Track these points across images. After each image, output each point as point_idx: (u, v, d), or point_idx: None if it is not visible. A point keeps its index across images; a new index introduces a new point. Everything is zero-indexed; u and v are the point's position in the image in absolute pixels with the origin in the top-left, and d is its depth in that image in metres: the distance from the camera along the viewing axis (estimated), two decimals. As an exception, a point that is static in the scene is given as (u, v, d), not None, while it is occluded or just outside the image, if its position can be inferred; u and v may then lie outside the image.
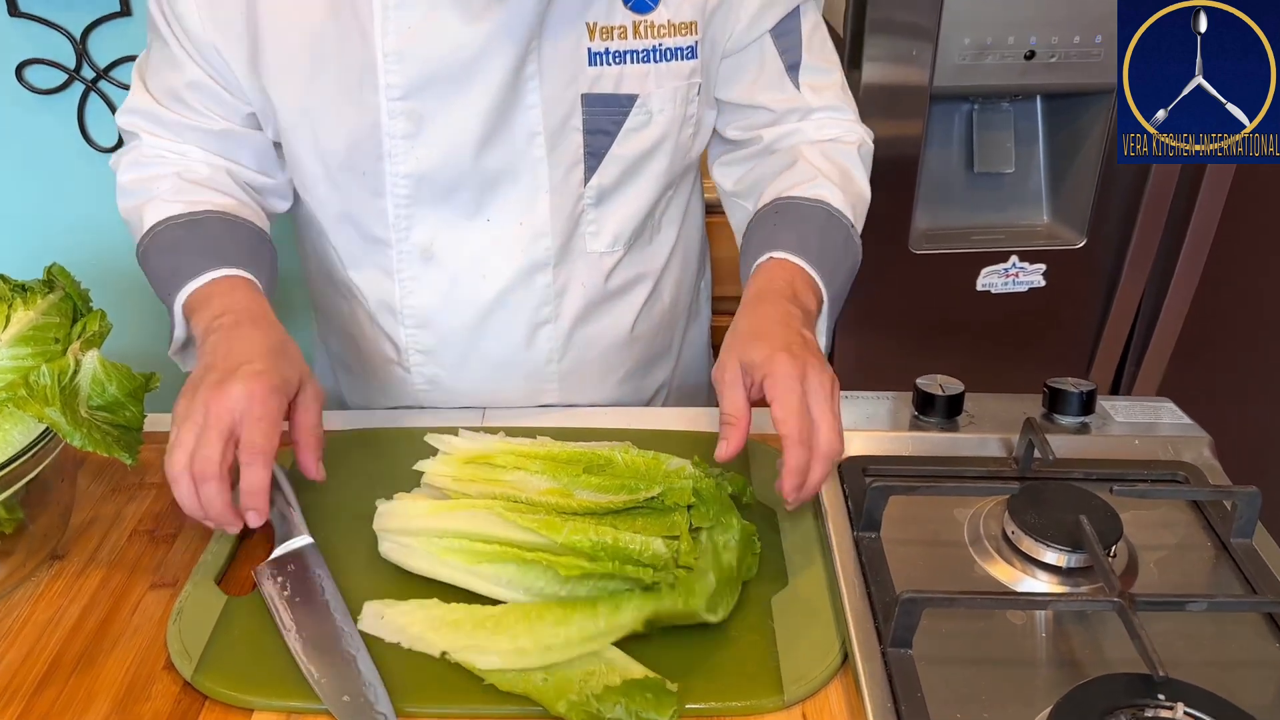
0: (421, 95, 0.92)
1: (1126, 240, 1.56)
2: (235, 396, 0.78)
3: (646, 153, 1.00)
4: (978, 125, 1.56)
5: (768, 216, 1.00)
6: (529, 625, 0.73)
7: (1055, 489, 0.84)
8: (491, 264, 1.02)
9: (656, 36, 0.95)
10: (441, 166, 0.96)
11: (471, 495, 0.85)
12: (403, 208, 0.99)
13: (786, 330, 0.85)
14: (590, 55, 0.94)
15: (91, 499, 0.93)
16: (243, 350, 0.82)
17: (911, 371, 1.69)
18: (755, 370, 0.82)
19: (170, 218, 0.95)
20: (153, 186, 0.98)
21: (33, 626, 0.79)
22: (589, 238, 1.04)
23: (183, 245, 0.94)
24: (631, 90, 0.96)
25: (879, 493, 0.81)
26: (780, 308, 0.88)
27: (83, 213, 1.55)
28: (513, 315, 1.05)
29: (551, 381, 1.11)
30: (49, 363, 0.80)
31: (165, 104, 0.99)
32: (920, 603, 0.70)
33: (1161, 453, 0.93)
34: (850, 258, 1.01)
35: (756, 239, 0.99)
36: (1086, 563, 0.79)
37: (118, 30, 1.43)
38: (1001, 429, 0.95)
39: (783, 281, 0.92)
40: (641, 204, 1.04)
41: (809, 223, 0.98)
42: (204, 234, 0.94)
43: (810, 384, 0.81)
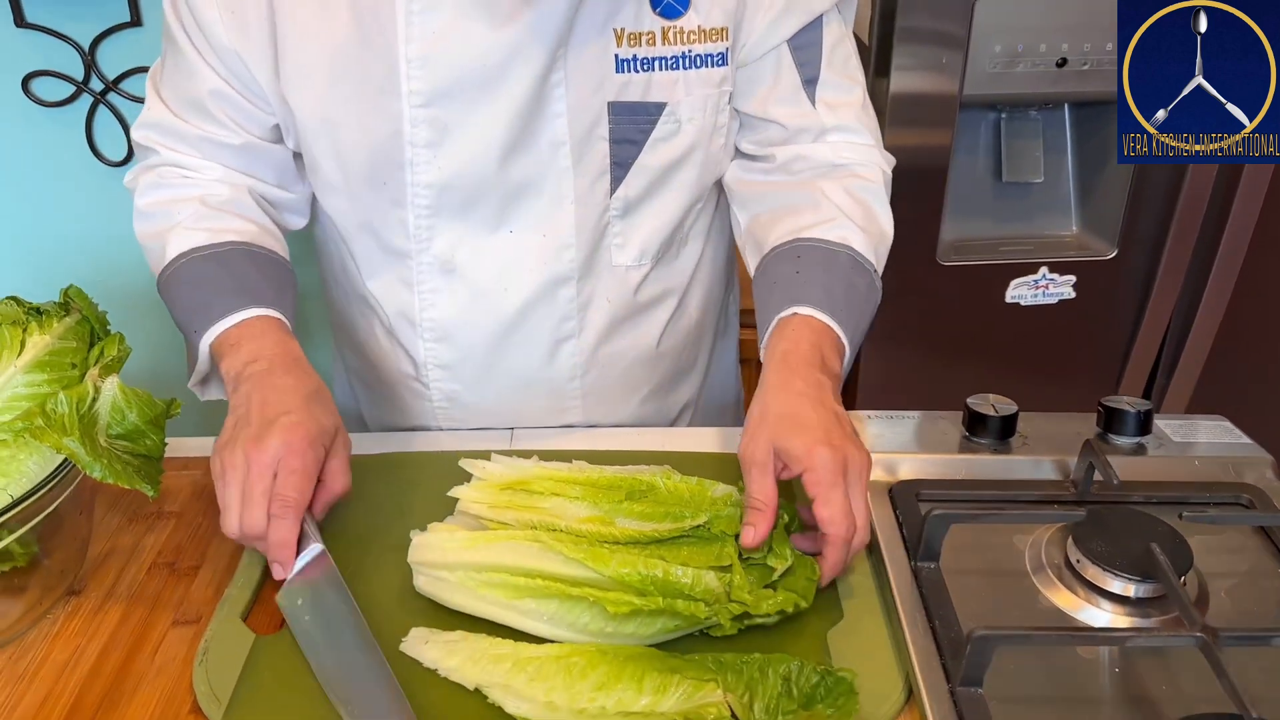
0: (445, 103, 0.89)
1: (1159, 250, 1.53)
2: (273, 449, 0.77)
3: (675, 163, 0.97)
4: (1006, 134, 1.53)
5: (787, 259, 0.95)
6: (568, 680, 0.69)
7: (1120, 514, 0.80)
8: (514, 277, 0.99)
9: (686, 43, 0.92)
10: (464, 176, 0.93)
11: (508, 523, 0.82)
12: (423, 218, 0.96)
13: (822, 412, 0.82)
14: (617, 62, 0.91)
15: (108, 530, 0.89)
16: (278, 400, 0.81)
17: (939, 386, 1.68)
18: (794, 462, 0.80)
19: (195, 249, 0.92)
20: (174, 211, 0.95)
21: (50, 668, 0.75)
22: (615, 250, 1.00)
23: (209, 281, 0.91)
24: (660, 98, 0.93)
25: (939, 521, 0.78)
26: (812, 381, 0.84)
27: (91, 229, 1.51)
28: (535, 330, 1.02)
29: (574, 399, 1.07)
30: (66, 389, 0.76)
31: (184, 116, 0.96)
32: (993, 640, 0.66)
33: (1222, 474, 0.90)
34: (871, 304, 0.96)
35: (779, 288, 0.93)
36: (1156, 592, 0.75)
37: (128, 41, 1.39)
38: (1056, 450, 0.91)
39: (809, 345, 0.87)
40: (669, 216, 1.00)
41: (833, 272, 0.93)
42: (231, 270, 0.92)
43: (851, 479, 0.78)
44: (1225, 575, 0.80)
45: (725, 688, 0.69)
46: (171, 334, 1.50)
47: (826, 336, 0.89)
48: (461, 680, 0.71)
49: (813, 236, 0.95)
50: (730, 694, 0.69)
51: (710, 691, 0.69)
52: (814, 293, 0.91)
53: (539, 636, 0.75)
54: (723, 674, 0.70)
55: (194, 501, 0.93)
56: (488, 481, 0.87)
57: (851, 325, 0.91)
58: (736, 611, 0.74)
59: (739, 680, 0.70)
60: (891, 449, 0.91)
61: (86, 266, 1.42)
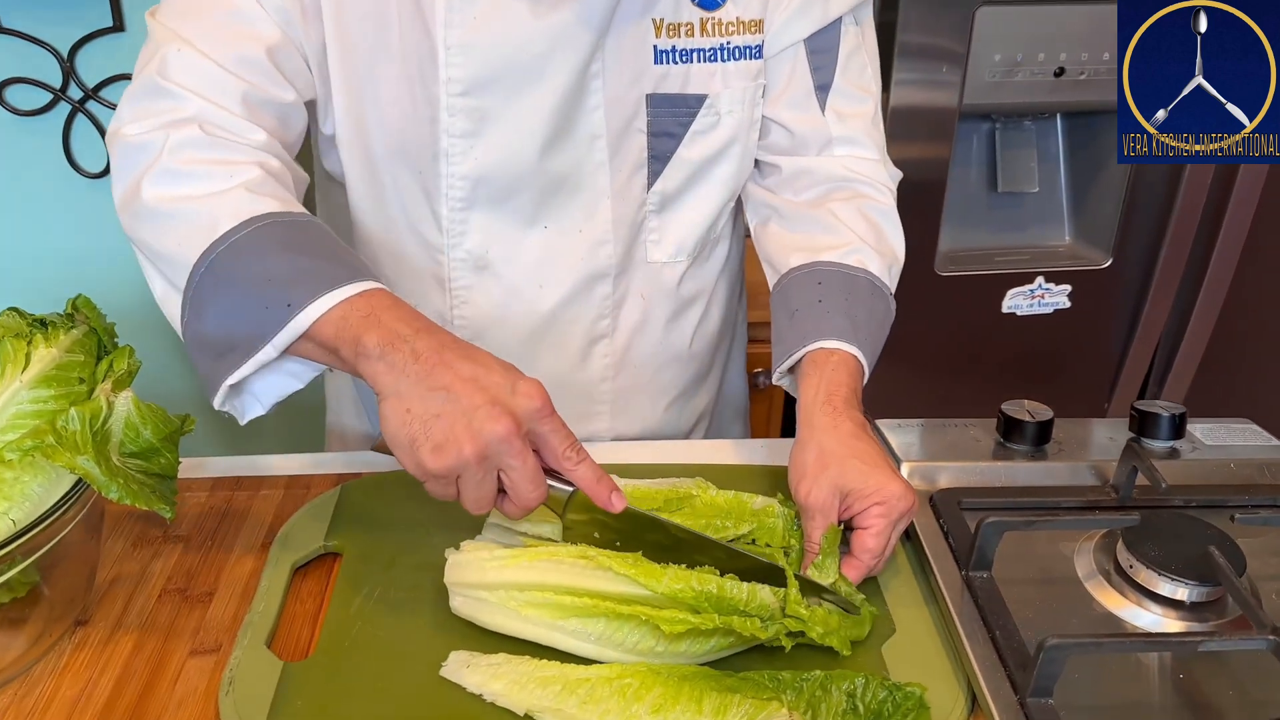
0: (484, 92, 0.87)
1: (1153, 259, 1.54)
2: (524, 418, 0.68)
3: (714, 156, 0.95)
4: (1001, 144, 1.54)
5: (808, 285, 0.93)
6: (623, 703, 0.66)
7: (1170, 519, 0.79)
8: (549, 273, 0.96)
9: (724, 34, 0.90)
10: (501, 169, 0.90)
11: (545, 536, 0.78)
12: (457, 211, 0.93)
13: (879, 452, 0.81)
14: (656, 53, 0.89)
15: (112, 556, 0.84)
16: (488, 364, 0.70)
17: (937, 396, 1.67)
18: (863, 499, 0.78)
19: (274, 213, 0.76)
20: (233, 173, 0.77)
21: (61, 704, 0.70)
22: (650, 246, 0.99)
23: (308, 246, 0.75)
24: (700, 90, 0.91)
25: (993, 529, 0.76)
26: (858, 422, 0.84)
27: (69, 244, 1.45)
28: (569, 329, 0.99)
29: (603, 402, 1.05)
30: (78, 406, 0.72)
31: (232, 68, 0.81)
32: (1065, 649, 0.65)
33: (1259, 476, 0.89)
34: (887, 327, 0.96)
35: (804, 316, 0.91)
36: (1210, 596, 0.74)
37: (109, 47, 1.34)
38: (1092, 455, 0.90)
39: (849, 387, 0.86)
40: (706, 212, 0.99)
41: (855, 299, 0.91)
42: (324, 237, 0.77)
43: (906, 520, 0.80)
44: (1273, 578, 0.79)
45: (789, 706, 0.66)
46: (164, 351, 1.45)
47: (858, 372, 0.88)
48: (509, 705, 0.68)
49: (831, 261, 0.94)
50: (794, 712, 0.66)
51: (775, 710, 0.66)
52: (841, 324, 0.89)
53: (584, 657, 0.72)
54: (782, 692, 0.67)
55: (203, 524, 0.88)
56: (518, 496, 0.84)
57: (871, 351, 0.91)
58: (794, 628, 0.71)
59: (800, 698, 0.67)
60: (927, 457, 0.90)
61: (64, 283, 1.35)
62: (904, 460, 0.89)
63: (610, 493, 0.72)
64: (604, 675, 0.69)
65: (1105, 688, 0.68)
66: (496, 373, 0.69)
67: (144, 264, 0.81)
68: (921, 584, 0.80)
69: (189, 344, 0.78)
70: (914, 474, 0.88)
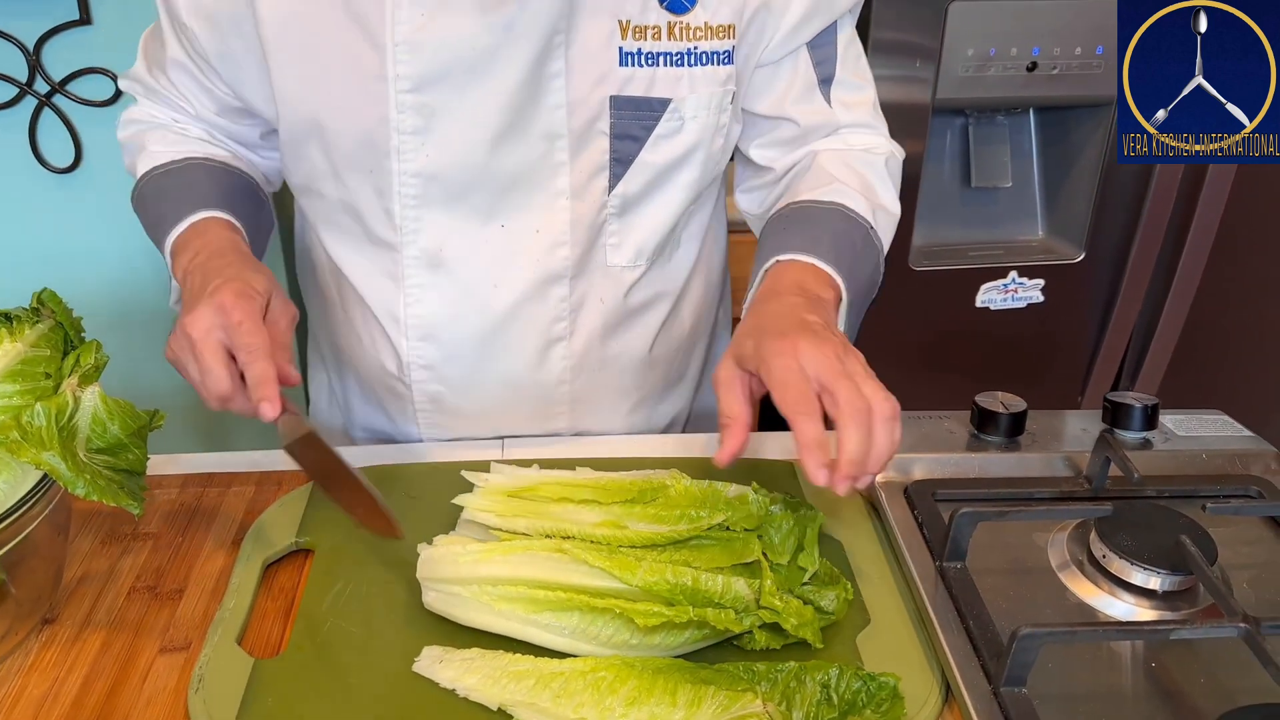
0: (434, 88, 0.86)
1: (1125, 253, 1.56)
2: (207, 315, 0.77)
3: (677, 161, 0.94)
4: (974, 140, 1.54)
5: (778, 222, 0.94)
6: (596, 696, 0.66)
7: (1142, 509, 0.79)
8: (504, 273, 0.95)
9: (692, 39, 0.89)
10: (453, 166, 0.89)
11: (519, 531, 0.78)
12: (410, 209, 0.92)
13: (786, 318, 0.78)
14: (621, 55, 0.88)
15: (79, 553, 0.83)
16: (212, 276, 0.81)
17: (911, 390, 1.66)
18: (748, 362, 0.76)
19: (156, 166, 0.96)
20: (147, 138, 0.99)
21: (27, 703, 0.69)
22: (610, 250, 0.97)
23: (167, 193, 0.94)
24: (665, 94, 0.90)
25: (966, 520, 0.76)
26: (784, 301, 0.81)
27: (34, 239, 1.43)
28: (524, 331, 0.98)
29: (562, 405, 1.04)
30: (43, 400, 0.70)
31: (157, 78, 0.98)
32: (1039, 638, 0.65)
33: (1229, 467, 0.90)
34: (871, 258, 0.92)
35: (765, 246, 0.92)
36: (1182, 585, 0.75)
37: (76, 40, 1.31)
38: (1064, 447, 0.91)
39: (790, 280, 0.84)
40: (666, 216, 0.98)
41: (821, 224, 0.91)
42: (186, 179, 0.95)
43: (806, 356, 0.72)
44: (1244, 567, 0.80)
45: (763, 697, 0.66)
46: (132, 346, 1.43)
47: (810, 272, 0.85)
48: (483, 700, 0.67)
49: (804, 198, 0.94)
50: (768, 703, 0.66)
51: (749, 702, 0.66)
52: (796, 240, 0.88)
53: (558, 651, 0.71)
54: (757, 683, 0.67)
55: (172, 521, 0.87)
56: (492, 489, 0.83)
57: (845, 267, 0.87)
58: (768, 619, 0.71)
59: (775, 689, 0.67)
60: (901, 449, 0.89)
61: (31, 279, 1.34)
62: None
63: (260, 400, 0.75)
64: (578, 669, 0.68)
65: (1078, 677, 0.69)
66: (214, 280, 0.80)
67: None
68: (895, 575, 0.80)
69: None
70: (889, 465, 0.88)
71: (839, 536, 0.84)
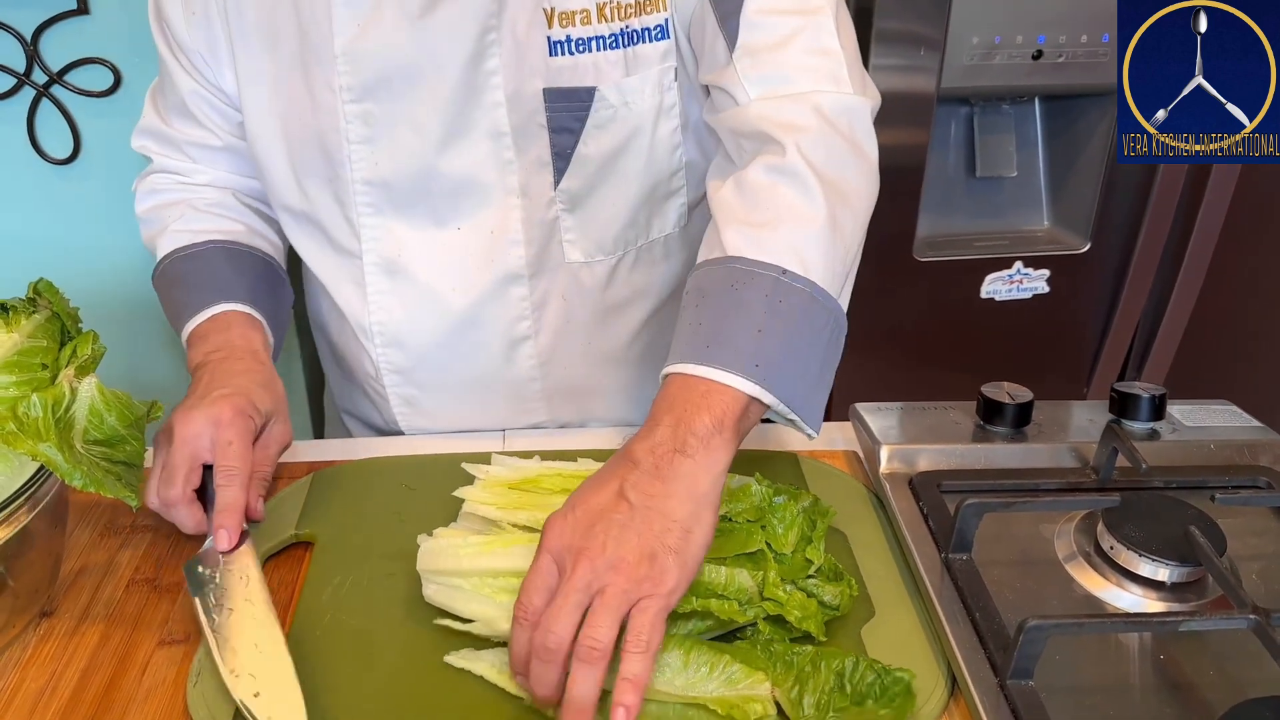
0: (375, 97, 0.87)
1: (1132, 243, 1.54)
2: (199, 422, 0.77)
3: (616, 152, 0.90)
4: (979, 129, 1.53)
5: (683, 301, 0.77)
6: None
7: (1151, 499, 0.79)
8: (461, 276, 0.94)
9: (623, 18, 0.85)
10: (402, 172, 0.90)
11: (521, 523, 0.77)
12: (366, 216, 0.93)
13: (588, 493, 0.65)
14: (550, 44, 0.85)
15: (78, 546, 0.82)
16: (221, 380, 0.81)
17: (916, 381, 1.67)
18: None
19: (175, 250, 0.95)
20: (164, 216, 0.98)
21: (25, 697, 0.68)
22: (567, 246, 0.95)
23: (187, 279, 0.93)
24: (590, 82, 0.87)
25: (972, 511, 0.75)
26: (627, 453, 0.66)
27: (31, 230, 1.42)
28: (487, 332, 0.97)
29: (535, 402, 1.03)
30: (39, 392, 0.70)
31: (170, 122, 0.98)
32: (1046, 630, 0.64)
33: (1238, 457, 0.89)
34: (791, 308, 0.71)
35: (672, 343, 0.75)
36: (1191, 576, 0.74)
37: (73, 30, 1.30)
38: (1071, 437, 0.90)
39: (659, 411, 0.68)
40: (621, 209, 0.94)
41: (708, 299, 0.73)
42: (205, 266, 0.94)
43: (561, 555, 0.63)
44: (1253, 558, 0.79)
45: (774, 681, 0.66)
46: (129, 337, 1.42)
47: (689, 390, 0.68)
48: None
49: (702, 259, 0.77)
50: (778, 688, 0.65)
51: (759, 681, 0.65)
52: (683, 341, 0.72)
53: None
54: (773, 664, 0.67)
55: (171, 513, 0.86)
56: (493, 481, 0.82)
57: (746, 356, 0.69)
58: (772, 611, 0.70)
59: (789, 672, 0.66)
60: (906, 440, 0.89)
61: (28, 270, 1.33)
62: (883, 443, 0.88)
63: (219, 529, 0.75)
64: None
65: (1085, 670, 0.68)
66: (219, 386, 0.80)
67: None
68: (901, 566, 0.79)
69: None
70: (893, 457, 0.88)
71: (843, 528, 0.83)
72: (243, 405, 0.79)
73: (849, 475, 0.91)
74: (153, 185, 1.01)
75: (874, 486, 0.88)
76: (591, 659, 0.59)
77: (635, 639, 0.59)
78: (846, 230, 0.77)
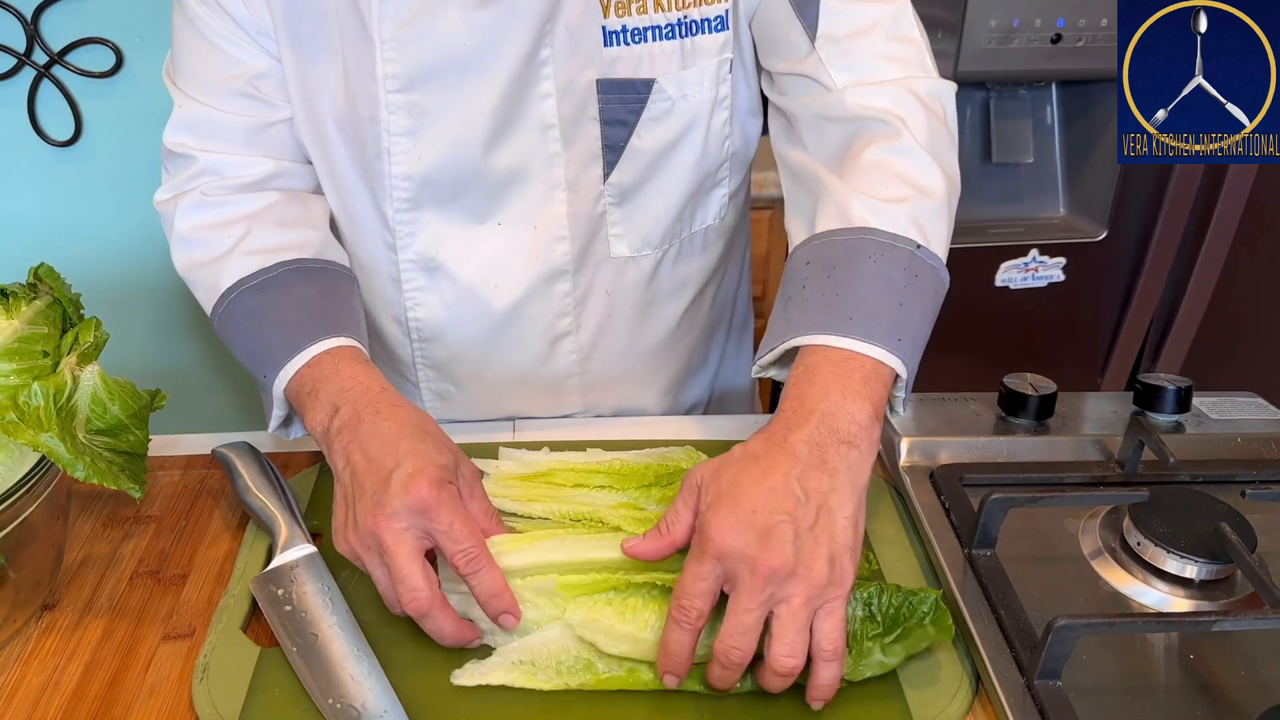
0: (423, 87, 0.82)
1: (1149, 232, 1.52)
2: (404, 514, 0.66)
3: (671, 144, 0.88)
4: (995, 114, 1.51)
5: (798, 274, 0.77)
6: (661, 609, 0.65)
7: (1178, 495, 0.77)
8: (503, 273, 0.92)
9: (681, 8, 0.83)
10: (445, 167, 0.86)
11: (535, 515, 0.76)
12: (404, 212, 0.89)
13: (756, 493, 0.63)
14: (605, 34, 0.83)
15: (80, 537, 0.81)
16: (381, 452, 0.69)
17: (929, 370, 1.63)
18: (701, 540, 0.63)
19: (246, 278, 0.83)
20: (224, 237, 0.85)
21: (27, 692, 0.67)
22: (613, 241, 0.93)
23: (268, 315, 0.81)
24: (648, 74, 0.84)
25: (997, 506, 0.73)
26: (785, 445, 0.65)
27: (33, 212, 1.40)
28: (529, 328, 0.95)
29: (573, 395, 1.01)
30: (41, 380, 0.68)
31: (227, 108, 0.86)
32: (1076, 629, 0.62)
33: (1265, 451, 0.87)
34: (927, 284, 0.74)
35: (786, 304, 0.76)
36: (1220, 574, 0.72)
37: (74, 9, 1.28)
38: (1095, 429, 0.88)
39: (811, 397, 0.67)
40: (671, 203, 0.92)
41: (851, 267, 0.73)
42: (290, 298, 0.82)
43: (736, 565, 0.61)
44: (1281, 555, 0.77)
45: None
46: (133, 324, 1.40)
47: (844, 371, 0.68)
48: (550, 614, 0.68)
49: (823, 231, 0.77)
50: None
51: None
52: (819, 311, 0.72)
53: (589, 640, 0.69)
54: None
55: (176, 504, 0.85)
56: (504, 476, 0.81)
57: (885, 331, 0.70)
58: None
59: None
60: (926, 432, 0.87)
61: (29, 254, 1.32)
62: (903, 435, 0.86)
63: (500, 614, 0.67)
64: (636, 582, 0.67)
65: (1112, 670, 0.66)
66: (390, 458, 0.69)
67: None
68: (922, 562, 0.77)
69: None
70: (914, 449, 0.86)
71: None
72: (437, 476, 0.68)
73: (867, 467, 0.89)
74: (202, 198, 0.87)
75: (893, 479, 0.86)
76: (785, 670, 0.60)
77: (831, 648, 0.61)
78: (954, 208, 0.81)
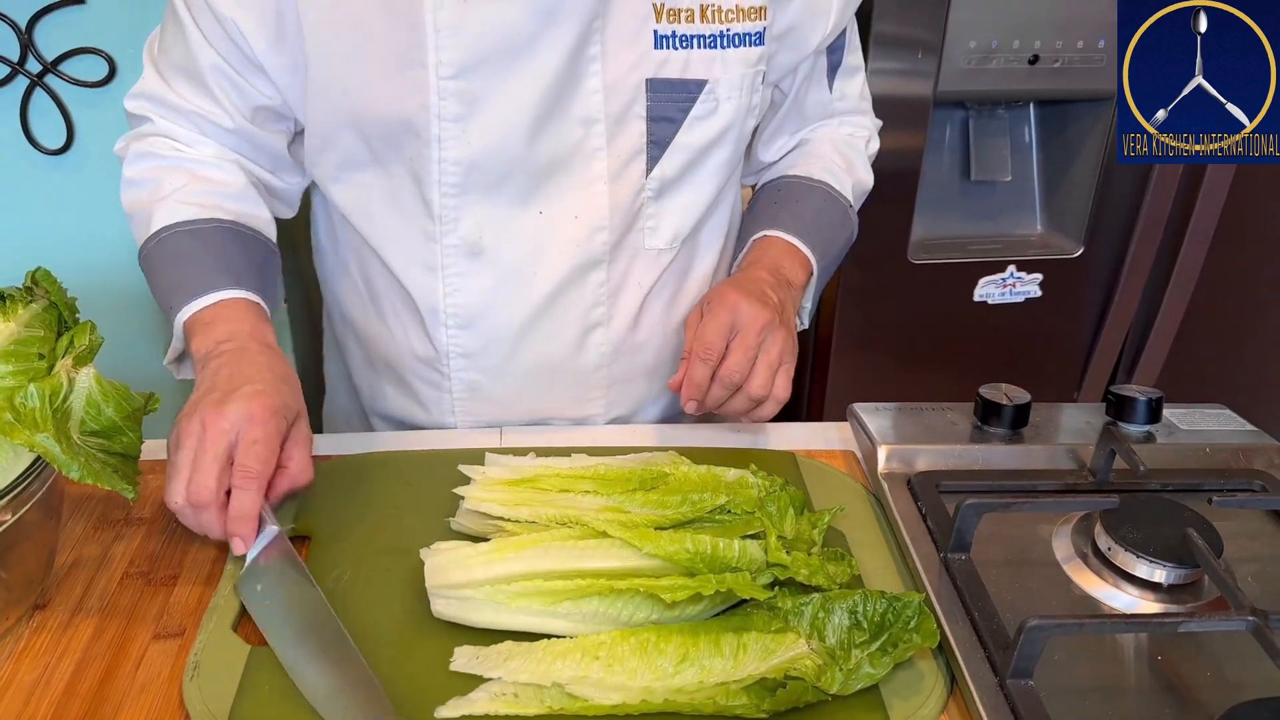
0: (475, 74, 0.86)
1: (1124, 248, 1.55)
2: (233, 416, 0.74)
3: (712, 142, 0.95)
4: (975, 133, 1.54)
5: (769, 194, 1.06)
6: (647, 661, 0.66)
7: (1148, 501, 0.79)
8: (543, 260, 0.95)
9: (724, 21, 0.90)
10: (493, 153, 0.89)
11: (522, 519, 0.77)
12: (450, 197, 0.91)
13: (751, 285, 0.91)
14: (656, 38, 0.89)
15: (72, 538, 0.82)
16: (245, 374, 0.79)
17: (909, 383, 1.67)
18: (711, 307, 0.89)
19: (180, 223, 0.90)
20: (164, 182, 0.92)
21: (18, 689, 0.67)
22: (648, 233, 0.98)
23: (190, 256, 0.89)
24: (700, 75, 0.91)
25: (972, 511, 0.75)
26: (757, 273, 0.94)
27: (26, 220, 1.41)
28: (563, 317, 0.98)
29: (598, 389, 1.03)
30: (36, 382, 0.69)
31: (179, 90, 0.93)
32: (1046, 630, 0.64)
33: (1233, 461, 0.89)
34: (845, 232, 1.06)
35: (757, 218, 1.04)
36: (1188, 578, 0.74)
37: (69, 19, 1.29)
38: (1068, 439, 0.90)
39: (770, 257, 0.97)
40: (702, 197, 0.99)
41: (806, 202, 1.03)
42: (215, 248, 0.90)
43: (741, 315, 0.87)
44: (1249, 560, 0.79)
45: (794, 633, 0.68)
46: (127, 327, 1.41)
47: (790, 252, 0.99)
48: (533, 680, 0.66)
49: (793, 175, 1.06)
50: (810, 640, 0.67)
51: (792, 642, 0.67)
52: (785, 217, 1.01)
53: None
54: (786, 621, 0.68)
55: (166, 507, 0.85)
56: (490, 482, 0.82)
57: (819, 247, 1.01)
58: (781, 576, 0.72)
59: (802, 623, 0.68)
60: (904, 440, 0.89)
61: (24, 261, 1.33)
62: (881, 443, 0.88)
63: (234, 536, 0.75)
64: (618, 638, 0.68)
65: (1084, 670, 0.68)
66: (247, 380, 0.78)
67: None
68: (899, 566, 0.79)
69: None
70: (892, 457, 0.88)
71: (841, 528, 0.83)
72: (276, 404, 0.76)
73: (847, 475, 0.91)
74: (150, 147, 0.94)
75: (872, 486, 0.88)
76: (754, 389, 0.88)
77: (782, 395, 0.89)
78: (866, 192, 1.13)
